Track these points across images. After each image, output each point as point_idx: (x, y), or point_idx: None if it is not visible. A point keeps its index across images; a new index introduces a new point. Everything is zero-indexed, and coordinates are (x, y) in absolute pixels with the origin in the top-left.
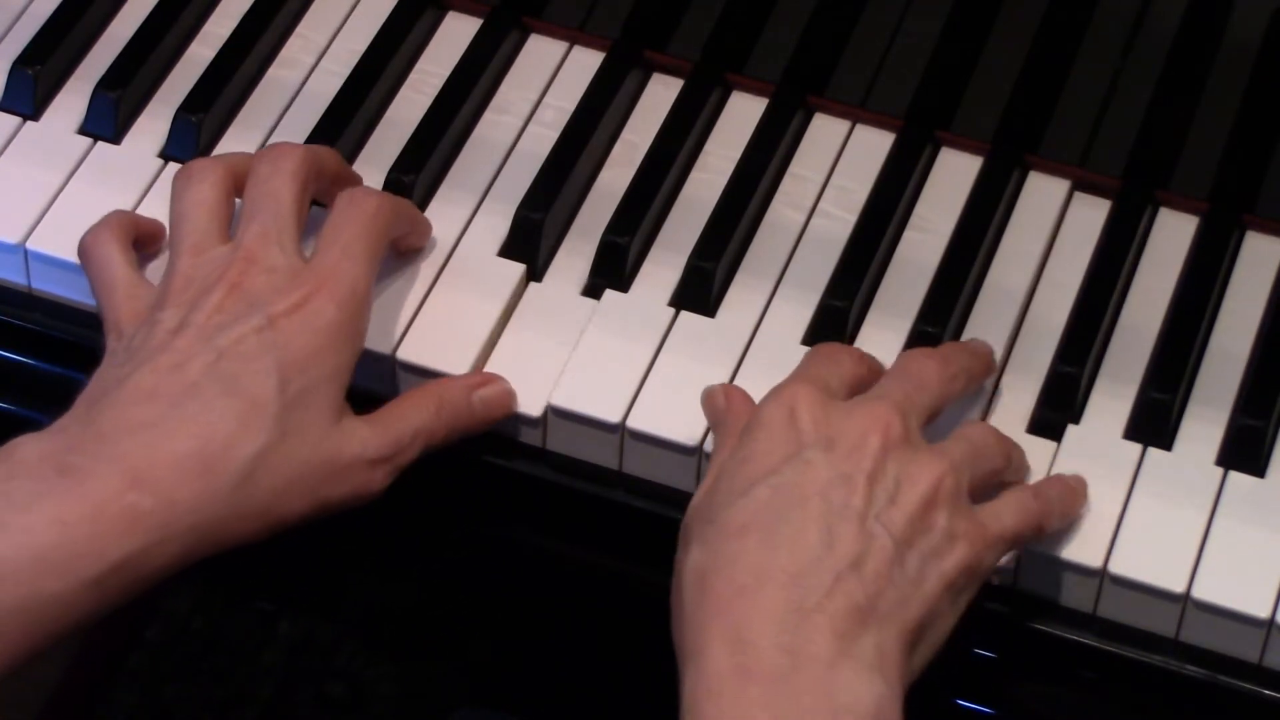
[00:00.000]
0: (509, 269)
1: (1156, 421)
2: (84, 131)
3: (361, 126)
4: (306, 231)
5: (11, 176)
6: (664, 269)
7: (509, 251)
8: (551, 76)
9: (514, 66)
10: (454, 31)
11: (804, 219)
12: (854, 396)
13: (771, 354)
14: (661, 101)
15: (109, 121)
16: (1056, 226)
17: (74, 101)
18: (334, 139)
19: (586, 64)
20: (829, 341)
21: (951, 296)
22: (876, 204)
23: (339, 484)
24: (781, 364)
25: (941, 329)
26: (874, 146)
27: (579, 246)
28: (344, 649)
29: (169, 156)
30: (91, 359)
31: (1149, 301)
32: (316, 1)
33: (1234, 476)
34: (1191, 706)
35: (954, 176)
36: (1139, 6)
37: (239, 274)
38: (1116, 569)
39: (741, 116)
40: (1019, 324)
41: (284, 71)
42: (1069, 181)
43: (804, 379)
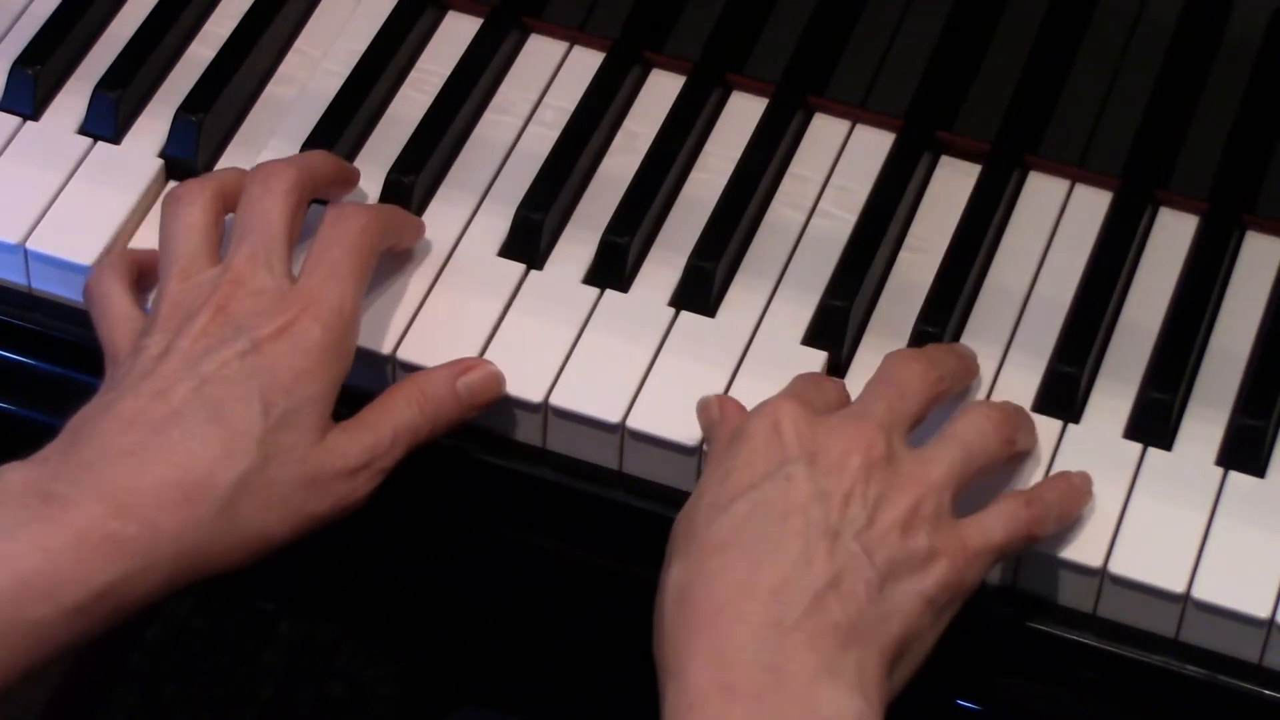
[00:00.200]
0: (509, 269)
1: (1156, 421)
2: (84, 131)
3: (361, 126)
4: (300, 239)
5: (11, 176)
6: (664, 269)
7: (509, 251)
8: (551, 76)
9: (514, 66)
10: (454, 31)
11: (804, 219)
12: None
13: (771, 354)
14: (661, 101)
15: (109, 121)
16: (1056, 226)
17: (74, 101)
18: (334, 139)
19: (586, 64)
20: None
21: (951, 296)
22: (876, 204)
23: (323, 499)
24: (781, 364)
25: (941, 329)
26: (874, 146)
27: (580, 235)
28: (344, 649)
29: (169, 156)
30: (91, 359)
31: (1149, 301)
32: (318, 3)
33: (1234, 476)
34: (1191, 706)
35: (954, 176)
36: (1139, 6)
37: (225, 297)
38: (1116, 569)
39: (741, 116)
40: (1018, 324)
41: (284, 72)
42: (1069, 181)
43: (789, 395)
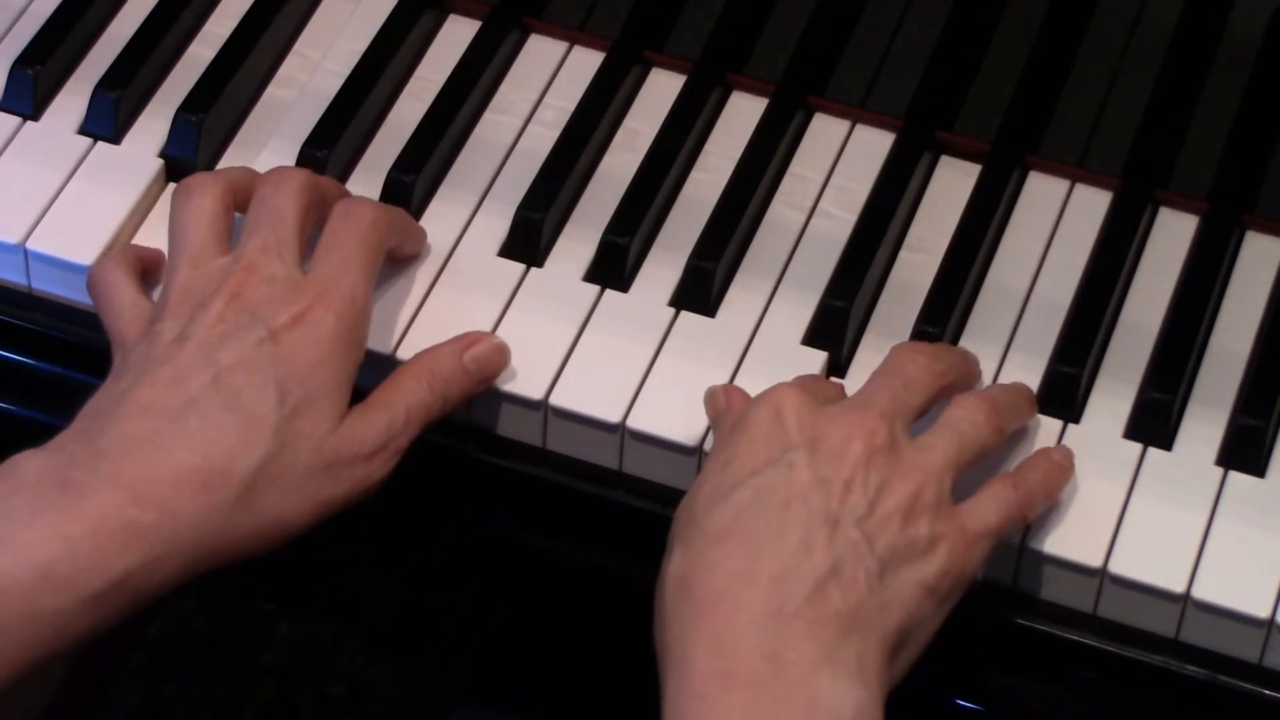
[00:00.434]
0: (509, 269)
1: (1156, 421)
2: (84, 131)
3: (362, 126)
4: (306, 251)
5: (11, 176)
6: (664, 269)
7: (509, 251)
8: (551, 76)
9: (514, 66)
10: (454, 32)
11: (804, 219)
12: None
13: (771, 354)
14: (661, 101)
15: (109, 121)
16: (1056, 226)
17: (74, 101)
18: (334, 139)
19: (586, 64)
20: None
21: (951, 296)
22: (876, 204)
23: (339, 483)
24: (781, 364)
25: (941, 329)
26: (874, 146)
27: (580, 235)
28: (344, 649)
29: (169, 156)
30: (91, 359)
31: (1149, 301)
32: (318, 2)
33: (1234, 476)
34: (1191, 706)
35: (954, 176)
36: (1139, 6)
37: (239, 284)
38: (1116, 569)
39: (741, 116)
40: (1018, 324)
41: (284, 72)
42: (1069, 181)
43: (791, 383)
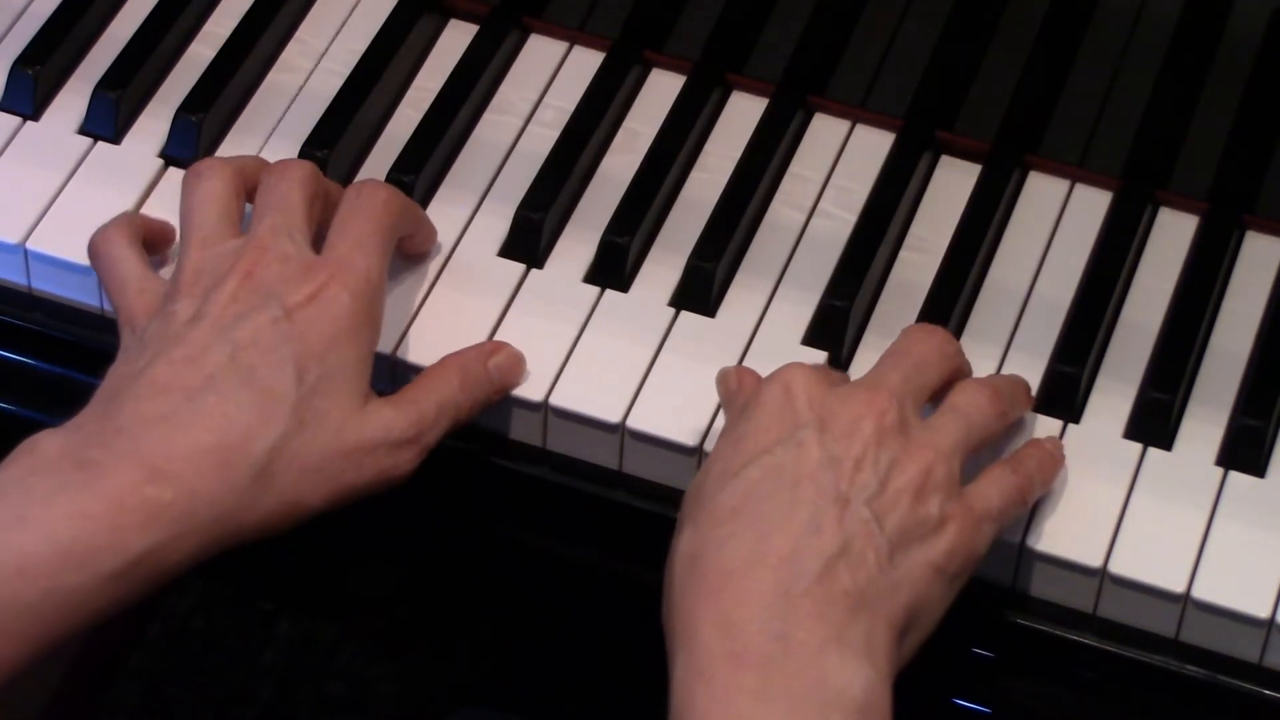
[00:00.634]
0: (509, 269)
1: (1156, 421)
2: (84, 131)
3: (362, 126)
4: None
5: (11, 176)
6: (664, 269)
7: (509, 251)
8: (551, 76)
9: (514, 67)
10: (454, 32)
11: (804, 219)
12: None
13: (771, 354)
14: (661, 101)
15: (109, 121)
16: (1056, 226)
17: (74, 101)
18: (334, 139)
19: (586, 64)
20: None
21: (951, 296)
22: (876, 204)
23: (363, 469)
24: (781, 364)
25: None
26: (874, 146)
27: (580, 235)
28: (344, 649)
29: (169, 156)
30: (91, 359)
31: (1149, 301)
32: (317, 2)
33: (1234, 476)
34: (1191, 706)
35: (954, 176)
36: (1139, 6)
37: (252, 263)
38: (1116, 569)
39: (741, 116)
40: (1018, 324)
41: (284, 72)
42: (1069, 181)
43: (802, 363)
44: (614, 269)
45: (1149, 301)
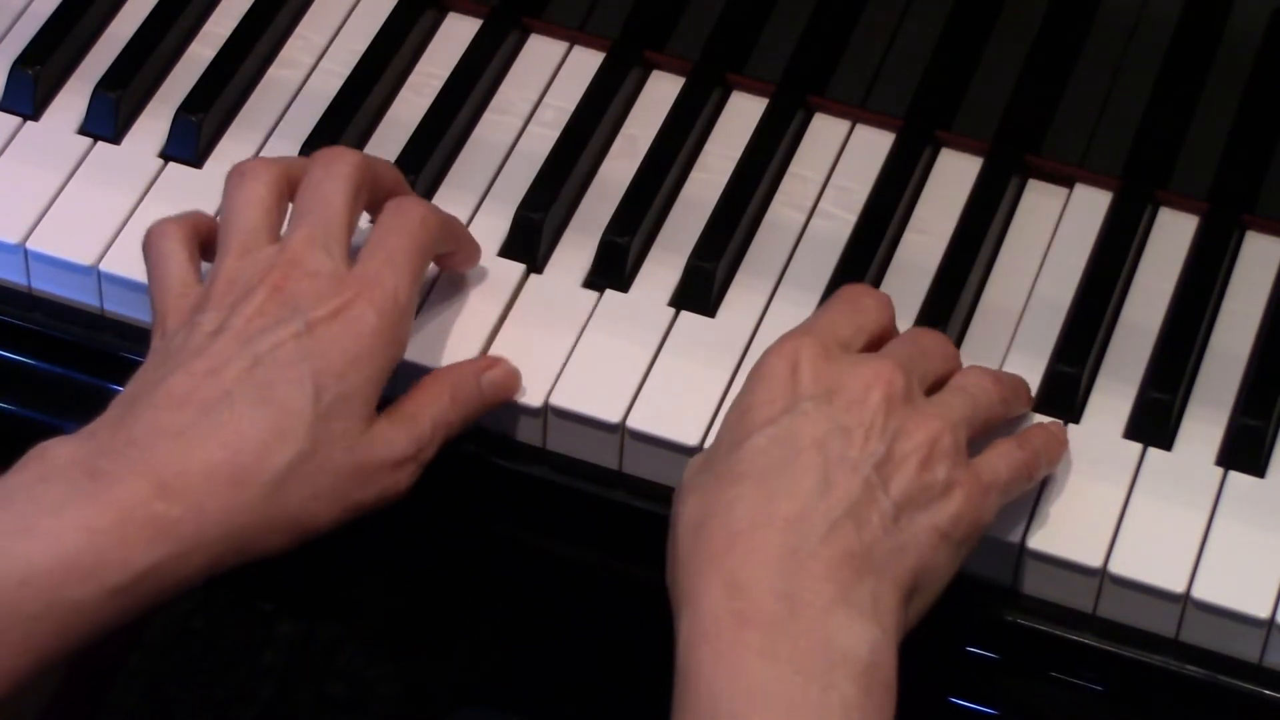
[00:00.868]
0: (509, 269)
1: (1156, 421)
2: (84, 131)
3: (362, 126)
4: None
5: (11, 176)
6: (664, 269)
7: (509, 251)
8: (551, 76)
9: (514, 66)
10: (454, 32)
11: (804, 219)
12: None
13: None
14: (662, 101)
15: (109, 121)
16: (1056, 226)
17: (74, 101)
18: (334, 139)
19: (586, 64)
20: (856, 284)
21: (951, 297)
22: (876, 204)
23: (368, 487)
24: None
25: (941, 329)
26: (874, 146)
27: (579, 239)
28: (344, 649)
29: (169, 156)
30: (92, 359)
31: (1149, 301)
32: (317, 1)
33: (1234, 476)
34: (1191, 706)
35: (954, 177)
36: (1139, 6)
37: (282, 276)
38: (1116, 569)
39: (741, 116)
40: (1018, 324)
41: (284, 71)
42: (1068, 181)
43: (811, 330)
44: (614, 269)
45: (1149, 301)
